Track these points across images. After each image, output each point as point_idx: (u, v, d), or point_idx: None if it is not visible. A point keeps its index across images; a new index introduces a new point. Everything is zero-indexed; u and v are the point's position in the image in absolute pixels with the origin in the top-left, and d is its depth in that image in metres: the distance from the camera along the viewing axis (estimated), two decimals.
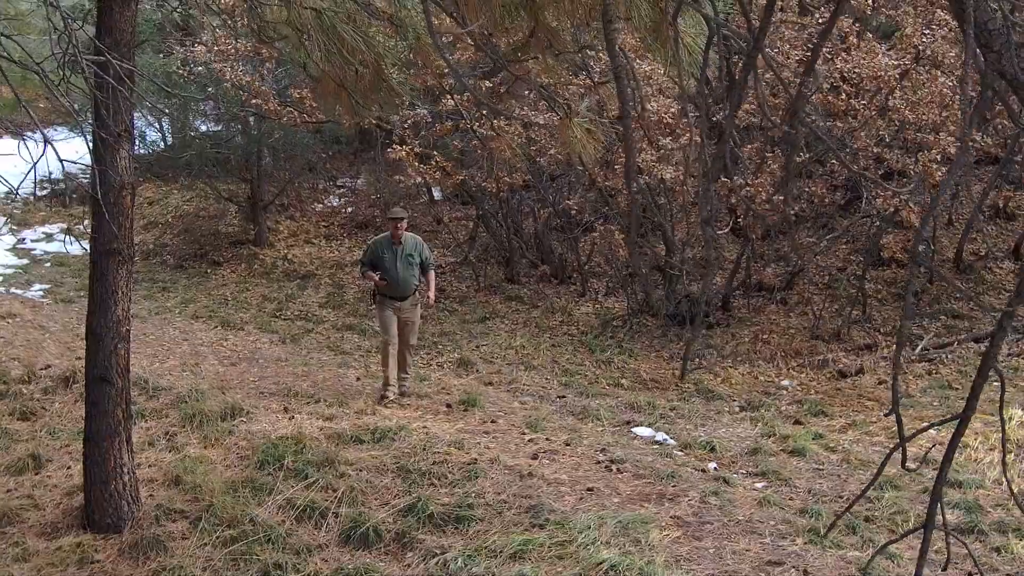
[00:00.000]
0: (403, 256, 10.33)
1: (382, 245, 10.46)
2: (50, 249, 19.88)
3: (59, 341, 12.54)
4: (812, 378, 12.78)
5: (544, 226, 17.65)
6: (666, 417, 11.09)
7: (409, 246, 10.41)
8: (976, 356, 13.24)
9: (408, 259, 10.35)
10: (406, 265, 10.34)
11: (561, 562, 6.98)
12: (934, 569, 7.11)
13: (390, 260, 10.33)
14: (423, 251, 10.56)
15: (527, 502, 8.00)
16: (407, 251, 10.36)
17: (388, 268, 10.31)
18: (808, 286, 15.74)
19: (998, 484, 8.79)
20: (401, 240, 10.35)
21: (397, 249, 10.34)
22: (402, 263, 10.33)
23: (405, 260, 10.34)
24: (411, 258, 10.38)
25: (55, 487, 8.62)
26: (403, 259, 10.33)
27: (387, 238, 10.49)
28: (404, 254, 10.34)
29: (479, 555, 7.14)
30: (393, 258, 10.32)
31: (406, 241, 10.40)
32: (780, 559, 7.14)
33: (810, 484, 8.92)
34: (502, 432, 10.01)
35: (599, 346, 14.24)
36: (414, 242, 10.52)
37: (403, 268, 10.32)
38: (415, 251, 10.43)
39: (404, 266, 10.33)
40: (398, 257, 10.33)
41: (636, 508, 8.02)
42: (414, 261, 10.40)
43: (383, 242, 10.50)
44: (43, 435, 9.61)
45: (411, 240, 10.51)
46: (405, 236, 10.43)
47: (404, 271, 10.32)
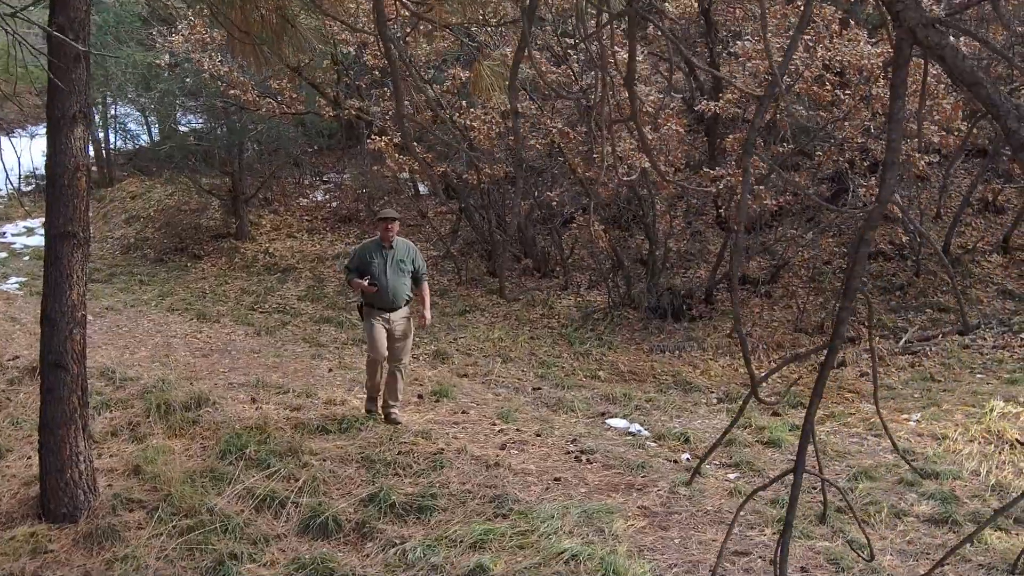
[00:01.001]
0: (394, 262, 9.18)
1: (370, 249, 9.29)
2: (30, 243, 19.76)
3: (29, 332, 12.36)
4: (793, 370, 12.61)
5: (527, 219, 17.50)
6: (642, 409, 10.93)
7: (401, 251, 9.26)
8: (960, 349, 13.11)
9: (399, 265, 9.20)
10: (397, 272, 9.17)
11: (521, 552, 6.83)
12: (907, 559, 6.97)
13: (379, 266, 9.13)
14: (416, 258, 9.39)
15: (491, 492, 7.87)
16: (398, 256, 9.21)
17: (376, 275, 9.11)
18: (793, 279, 15.59)
19: (975, 475, 8.63)
20: (392, 244, 9.22)
21: (387, 254, 9.18)
22: (392, 269, 9.15)
23: (396, 266, 9.18)
24: (402, 264, 9.22)
25: (13, 477, 8.47)
26: (394, 265, 9.17)
27: (376, 241, 9.32)
28: (395, 259, 9.19)
29: (439, 545, 7.00)
30: (383, 263, 9.15)
31: (397, 245, 9.26)
32: (747, 549, 6.99)
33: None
34: (472, 423, 9.85)
35: (578, 338, 14.07)
36: (406, 247, 9.38)
37: (393, 275, 9.14)
38: (407, 257, 9.28)
39: (395, 273, 9.16)
40: (388, 262, 9.16)
41: (603, 498, 7.86)
42: (405, 268, 9.24)
43: (371, 246, 9.33)
44: (5, 425, 9.47)
45: (403, 245, 9.37)
46: (397, 240, 9.29)
47: (394, 279, 9.14)
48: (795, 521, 7.27)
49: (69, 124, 7.45)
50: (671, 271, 16.07)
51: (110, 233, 20.48)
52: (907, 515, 7.78)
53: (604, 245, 14.84)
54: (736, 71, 15.38)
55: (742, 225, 11.11)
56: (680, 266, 16.67)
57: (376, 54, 15.42)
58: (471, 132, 14.78)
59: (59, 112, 7.45)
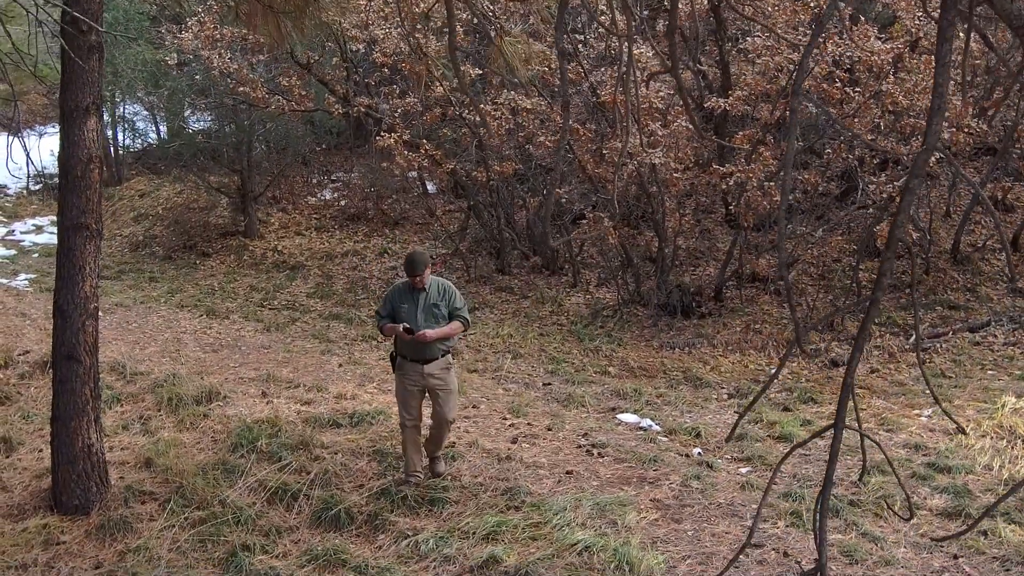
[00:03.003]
0: (427, 306, 7.87)
1: (400, 291, 8.05)
2: (39, 240, 19.80)
3: (39, 327, 12.40)
4: (803, 367, 12.58)
5: (535, 216, 17.49)
6: (652, 404, 10.91)
7: (434, 293, 7.93)
8: (971, 346, 13.08)
9: (433, 310, 7.88)
10: (430, 317, 7.85)
11: (534, 543, 6.84)
12: (920, 552, 6.96)
13: (409, 311, 7.85)
14: (454, 299, 8.01)
15: (503, 485, 7.88)
16: (431, 300, 7.89)
17: (407, 321, 7.80)
18: (802, 276, 15.57)
19: (988, 469, 8.61)
20: (425, 286, 7.91)
21: (419, 297, 7.89)
22: (425, 314, 7.84)
23: (429, 311, 7.87)
24: (436, 308, 7.89)
25: (25, 470, 8.50)
26: (426, 309, 7.87)
27: (406, 283, 8.03)
28: (428, 303, 7.88)
29: (451, 536, 7.03)
30: (413, 308, 7.86)
31: (430, 287, 7.94)
32: (760, 541, 6.97)
33: (795, 469, 8.73)
34: (483, 417, 9.86)
35: (588, 335, 14.06)
36: (441, 288, 8.02)
37: (426, 321, 7.82)
38: (443, 300, 7.95)
39: (427, 318, 7.84)
40: (420, 307, 7.86)
41: (615, 491, 7.86)
42: (440, 312, 7.90)
43: (401, 288, 8.09)
44: (16, 419, 9.51)
45: (437, 285, 8.03)
46: (430, 280, 7.97)
47: (428, 325, 7.80)
48: (807, 514, 7.28)
49: (82, 116, 7.48)
50: (680, 269, 16.05)
51: (119, 231, 20.51)
52: (920, 508, 7.77)
53: (614, 242, 14.81)
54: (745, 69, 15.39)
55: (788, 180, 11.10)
56: (689, 264, 16.66)
57: (385, 52, 15.41)
58: (481, 129, 14.78)
59: (72, 104, 7.48)
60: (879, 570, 6.55)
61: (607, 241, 15.09)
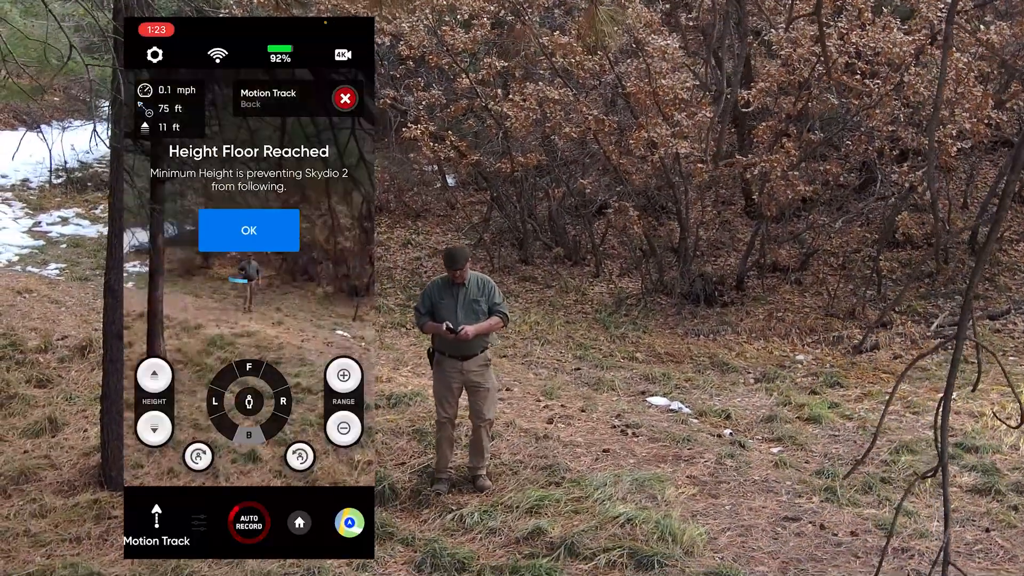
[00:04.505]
0: (466, 302, 7.73)
1: (439, 287, 7.89)
2: (65, 232, 19.98)
3: (75, 314, 12.59)
4: (827, 353, 12.77)
5: (558, 207, 17.67)
6: (681, 388, 11.10)
7: (474, 289, 7.79)
8: (992, 333, 13.26)
9: (473, 306, 7.74)
10: (469, 313, 7.70)
11: (577, 516, 7.00)
12: (953, 525, 7.10)
13: (448, 307, 7.70)
14: (493, 295, 7.88)
15: (543, 462, 8.04)
16: (471, 296, 7.75)
17: (447, 318, 7.64)
18: (822, 267, 15.74)
19: (1015, 449, 8.78)
20: (464, 281, 7.75)
21: (458, 293, 7.74)
22: (465, 310, 7.70)
23: (469, 307, 7.73)
24: (476, 304, 7.75)
25: (72, 448, 8.69)
26: (466, 306, 7.73)
27: (445, 279, 7.90)
28: (467, 299, 7.73)
29: (495, 510, 7.16)
30: (453, 304, 7.71)
31: (470, 283, 7.78)
32: (796, 515, 7.14)
33: (826, 449, 8.92)
34: (517, 399, 10.03)
35: (613, 323, 14.24)
36: (481, 283, 7.88)
37: (466, 317, 7.66)
38: (482, 295, 7.81)
39: (467, 314, 7.69)
40: (459, 303, 7.71)
41: (652, 468, 8.03)
42: (480, 308, 7.76)
43: (440, 284, 7.93)
44: (59, 400, 9.70)
45: (477, 280, 7.88)
46: (470, 276, 7.82)
47: (467, 321, 7.64)
48: (841, 491, 7.46)
49: None
50: (702, 259, 16.23)
51: None
52: (950, 486, 7.92)
53: (638, 231, 14.98)
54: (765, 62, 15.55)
55: None
56: (710, 254, 16.84)
57: (412, 44, 15.59)
58: (507, 120, 14.95)
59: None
60: (914, 542, 6.70)
61: (630, 231, 15.27)
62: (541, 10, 15.65)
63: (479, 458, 7.85)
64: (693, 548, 6.46)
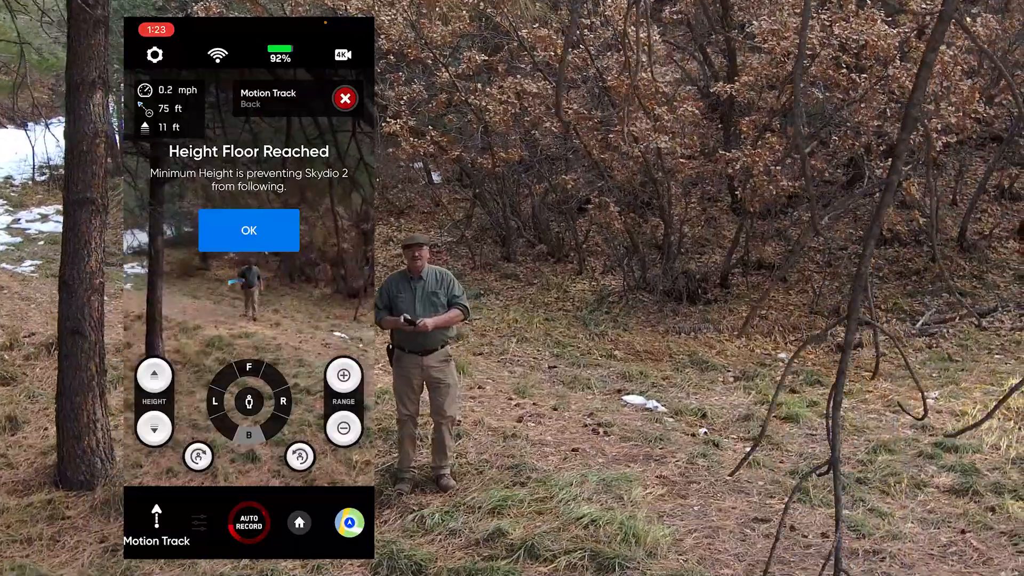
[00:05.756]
0: (424, 295, 7.58)
1: (396, 281, 7.73)
2: (44, 229, 19.86)
3: (45, 311, 12.42)
4: (810, 351, 12.58)
5: (541, 203, 17.49)
6: (658, 386, 10.91)
7: (432, 282, 7.65)
8: (978, 331, 13.09)
9: (431, 298, 7.58)
10: (428, 306, 7.55)
11: (540, 517, 6.82)
12: (927, 527, 6.94)
13: (407, 301, 7.53)
14: (452, 287, 7.71)
15: (509, 461, 7.87)
16: (429, 288, 7.61)
17: (405, 311, 7.46)
18: (808, 264, 15.58)
19: (996, 449, 8.60)
20: (422, 274, 7.65)
21: (416, 286, 7.60)
22: (423, 304, 7.54)
23: (427, 300, 7.57)
24: (435, 297, 7.60)
25: (30, 447, 8.51)
26: (424, 299, 7.57)
27: (402, 273, 7.77)
28: (426, 292, 7.59)
29: (457, 511, 6.99)
30: (411, 298, 7.55)
31: (428, 276, 7.66)
32: (766, 516, 6.95)
33: (801, 448, 8.74)
34: (489, 397, 9.85)
35: (593, 320, 14.06)
36: (439, 276, 7.74)
37: (425, 311, 7.51)
38: (441, 288, 7.65)
39: (426, 308, 7.53)
40: (417, 296, 7.57)
41: (621, 468, 7.85)
42: (439, 301, 7.60)
43: (397, 278, 7.78)
44: (21, 398, 9.52)
45: (434, 274, 7.73)
46: (427, 269, 7.70)
47: (427, 314, 7.49)
48: (813, 490, 7.27)
49: (88, 89, 7.46)
50: (686, 256, 16.06)
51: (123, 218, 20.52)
52: (927, 486, 7.76)
53: (620, 228, 14.80)
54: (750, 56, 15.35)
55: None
56: (694, 251, 16.67)
57: (392, 38, 15.40)
58: (486, 114, 14.76)
59: (78, 78, 7.46)
60: (886, 544, 6.52)
61: (612, 228, 15.09)
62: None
63: (442, 456, 7.69)
64: (656, 550, 6.27)
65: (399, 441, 7.78)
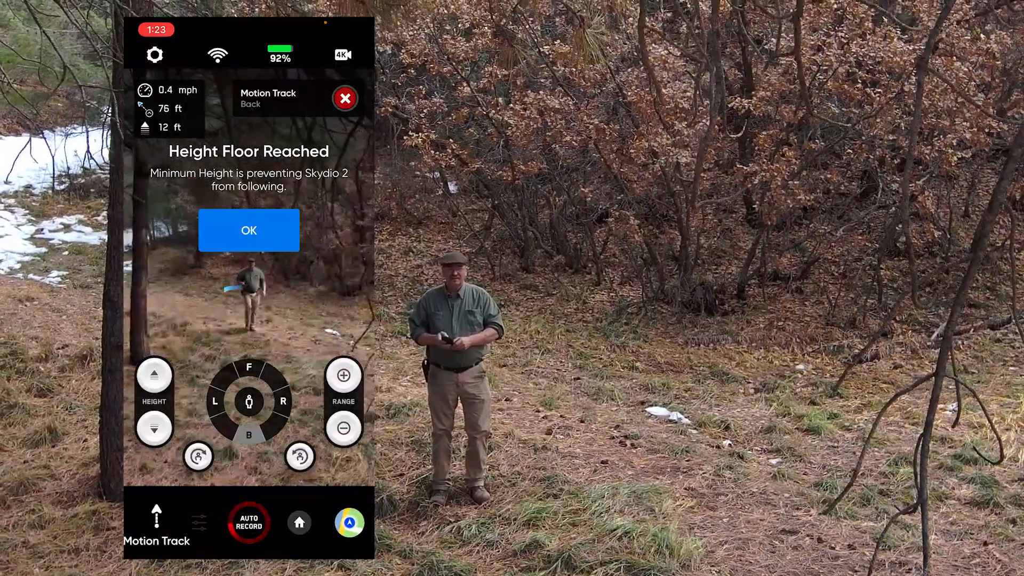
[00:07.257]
0: (461, 313, 7.67)
1: (434, 299, 7.81)
2: (67, 239, 20.01)
3: (76, 322, 12.62)
4: (827, 363, 12.77)
5: (559, 215, 17.68)
6: (680, 398, 11.11)
7: (469, 300, 7.73)
8: (992, 343, 13.25)
9: (468, 317, 7.67)
10: (465, 325, 7.64)
11: (575, 528, 7.00)
12: (951, 539, 7.11)
13: (444, 319, 7.63)
14: (488, 306, 7.81)
15: (541, 473, 8.04)
16: (466, 307, 7.69)
17: (442, 329, 7.57)
18: (823, 275, 15.76)
19: (1014, 461, 8.78)
20: (459, 293, 7.72)
21: (454, 304, 7.69)
22: (460, 322, 7.63)
23: (464, 318, 7.66)
24: (472, 316, 7.68)
25: (71, 459, 8.70)
26: (461, 317, 7.66)
27: (440, 291, 7.85)
28: (463, 310, 7.68)
29: (493, 523, 7.16)
30: (448, 316, 7.65)
31: (465, 294, 7.73)
32: (794, 528, 7.14)
33: (825, 460, 8.92)
34: (516, 409, 10.04)
35: (613, 331, 14.26)
36: (476, 295, 7.81)
37: (462, 329, 7.61)
38: (477, 307, 7.74)
39: (463, 326, 7.63)
40: (455, 314, 7.65)
41: (650, 480, 8.03)
42: (475, 320, 7.68)
43: (435, 295, 7.86)
44: (59, 410, 9.71)
45: (471, 293, 7.80)
46: (464, 288, 7.77)
47: (463, 332, 7.60)
48: (840, 504, 7.44)
49: None
50: (703, 267, 16.25)
51: None
52: (949, 498, 7.94)
53: (639, 240, 15.00)
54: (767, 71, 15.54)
55: None
56: (711, 263, 16.86)
57: (412, 53, 15.61)
58: (508, 129, 14.97)
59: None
60: (911, 556, 6.69)
61: (631, 239, 15.28)
62: (543, 19, 15.69)
63: (476, 470, 7.84)
64: (690, 562, 6.45)
65: (434, 454, 7.91)
